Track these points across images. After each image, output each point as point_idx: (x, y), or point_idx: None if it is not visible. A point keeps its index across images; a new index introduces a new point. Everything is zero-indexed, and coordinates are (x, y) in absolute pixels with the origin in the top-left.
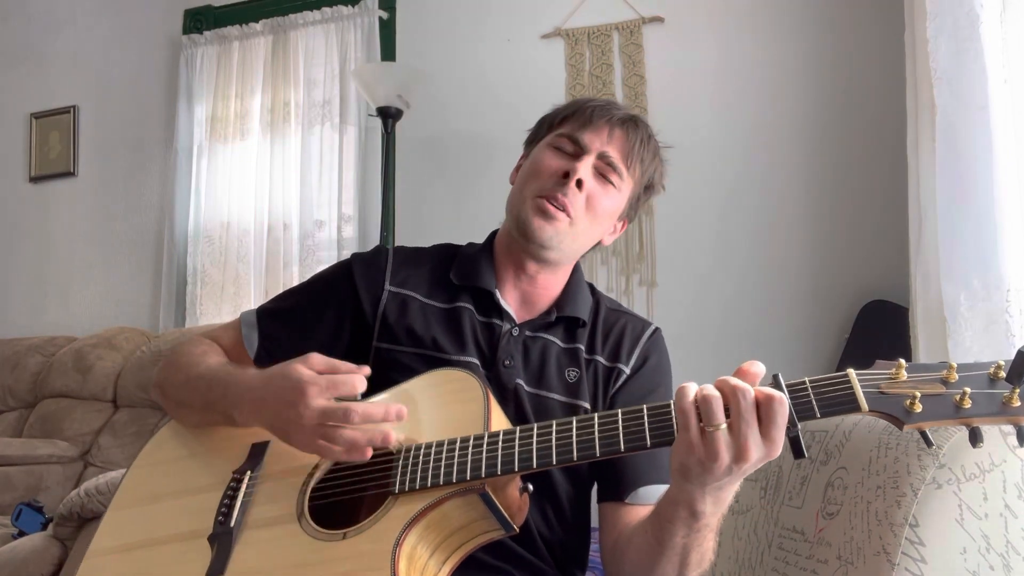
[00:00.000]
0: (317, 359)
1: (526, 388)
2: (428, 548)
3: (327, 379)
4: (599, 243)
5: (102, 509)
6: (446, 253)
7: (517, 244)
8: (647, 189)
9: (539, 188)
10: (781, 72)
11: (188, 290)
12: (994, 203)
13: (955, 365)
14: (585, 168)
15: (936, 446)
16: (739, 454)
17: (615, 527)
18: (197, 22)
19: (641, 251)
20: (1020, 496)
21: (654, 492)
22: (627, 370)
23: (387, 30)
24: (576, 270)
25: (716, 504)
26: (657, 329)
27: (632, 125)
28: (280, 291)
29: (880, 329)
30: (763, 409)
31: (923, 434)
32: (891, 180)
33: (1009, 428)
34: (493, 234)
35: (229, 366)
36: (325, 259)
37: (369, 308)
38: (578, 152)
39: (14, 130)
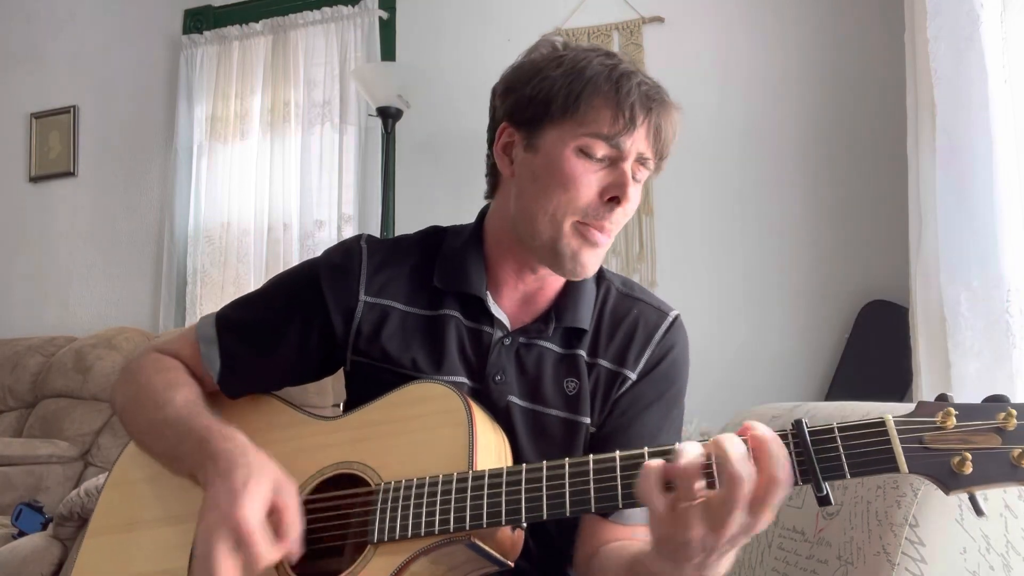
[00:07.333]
0: (292, 504)
1: (519, 404)
2: None
3: (253, 547)
4: None
5: None
6: (429, 244)
7: (533, 254)
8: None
9: (580, 212)
10: (781, 72)
11: (188, 290)
12: (994, 203)
13: (1015, 411)
14: (632, 187)
15: None
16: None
17: (593, 542)
18: (197, 22)
19: (641, 251)
20: (1020, 496)
21: (638, 513)
22: (633, 376)
23: (387, 30)
24: None
25: None
26: (675, 319)
27: (669, 119)
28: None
29: (880, 329)
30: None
31: (971, 499)
32: (891, 180)
33: None
34: (481, 220)
35: (204, 416)
36: None
37: (340, 323)
38: (615, 157)
39: (14, 130)
